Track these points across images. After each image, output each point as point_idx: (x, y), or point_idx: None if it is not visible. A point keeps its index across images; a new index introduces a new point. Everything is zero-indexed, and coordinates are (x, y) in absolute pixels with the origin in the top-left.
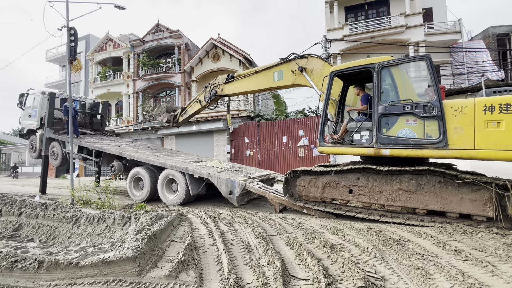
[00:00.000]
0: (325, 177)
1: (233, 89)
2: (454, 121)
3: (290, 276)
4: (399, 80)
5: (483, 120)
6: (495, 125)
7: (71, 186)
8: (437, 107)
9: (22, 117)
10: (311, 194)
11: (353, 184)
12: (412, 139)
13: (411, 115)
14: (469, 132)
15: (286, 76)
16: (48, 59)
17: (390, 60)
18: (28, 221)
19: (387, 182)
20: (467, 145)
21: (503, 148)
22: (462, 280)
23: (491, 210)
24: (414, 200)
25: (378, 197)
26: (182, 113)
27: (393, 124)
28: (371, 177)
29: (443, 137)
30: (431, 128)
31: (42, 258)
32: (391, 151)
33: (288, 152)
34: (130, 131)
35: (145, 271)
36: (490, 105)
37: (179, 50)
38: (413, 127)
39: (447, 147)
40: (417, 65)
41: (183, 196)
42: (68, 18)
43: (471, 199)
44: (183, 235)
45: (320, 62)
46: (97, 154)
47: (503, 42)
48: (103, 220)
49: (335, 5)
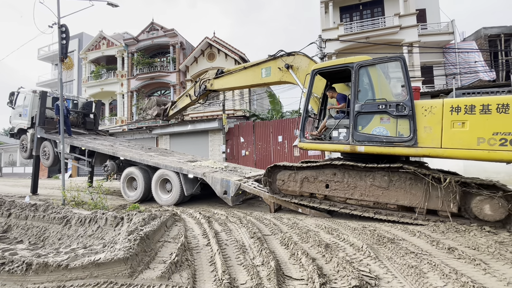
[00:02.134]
0: (304, 172)
1: (222, 84)
2: (424, 120)
3: (285, 276)
4: (375, 79)
5: (449, 120)
6: (460, 125)
7: (63, 186)
8: (409, 107)
9: (13, 116)
10: (290, 188)
11: (329, 179)
12: (385, 137)
13: (385, 114)
14: (437, 131)
15: (273, 72)
16: (40, 58)
17: (368, 60)
18: (17, 223)
19: (362, 178)
20: (435, 144)
21: (466, 147)
22: (456, 279)
23: (455, 206)
24: (386, 196)
25: (352, 192)
26: (172, 107)
27: (368, 122)
28: (346, 172)
29: (413, 135)
30: (403, 126)
31: (31, 260)
32: (366, 148)
33: (284, 152)
34: (124, 131)
35: (137, 273)
36: (457, 106)
37: (174, 49)
38: (386, 125)
39: (417, 145)
40: (392, 66)
41: (177, 196)
42: (59, 15)
43: (437, 195)
44: (177, 236)
45: (306, 60)
46: (90, 154)
47: (495, 43)
48: (95, 221)
49: (330, 5)
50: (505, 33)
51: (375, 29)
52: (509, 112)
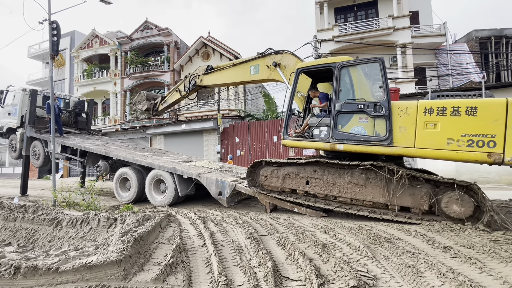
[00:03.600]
0: (286, 169)
1: (212, 80)
2: (400, 120)
3: (282, 277)
4: (355, 79)
5: (423, 121)
6: (432, 126)
7: (53, 187)
8: (386, 107)
9: (1, 115)
10: (272, 184)
11: (310, 176)
12: (363, 136)
13: (363, 113)
14: (411, 132)
15: (262, 70)
16: (31, 56)
17: (349, 60)
18: (5, 224)
19: (340, 175)
20: (409, 144)
21: (437, 148)
22: (453, 278)
23: (427, 204)
24: (362, 193)
25: (331, 188)
26: (162, 102)
27: (347, 121)
28: (326, 170)
29: (389, 135)
30: (380, 126)
31: (19, 263)
32: (345, 147)
33: (279, 152)
34: (118, 131)
35: (130, 275)
36: (430, 108)
37: (168, 48)
38: (364, 124)
39: (392, 144)
40: (371, 67)
41: (171, 197)
42: (50, 11)
43: (410, 193)
44: (172, 237)
45: (294, 58)
46: (82, 153)
47: (485, 45)
48: (87, 222)
49: (325, 6)
50: (495, 36)
51: (369, 30)
52: (477, 114)
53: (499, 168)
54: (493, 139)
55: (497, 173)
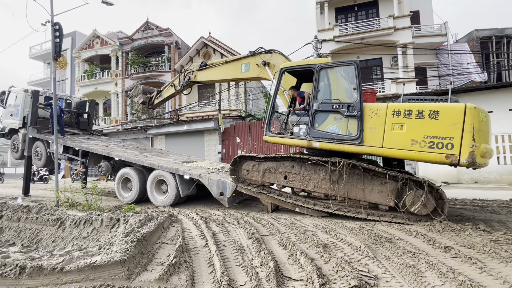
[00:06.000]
0: (266, 164)
1: (205, 76)
2: (370, 121)
3: (284, 277)
4: (333, 81)
5: (391, 123)
6: (399, 128)
7: (56, 187)
8: (358, 108)
9: (3, 115)
10: (253, 178)
11: (288, 171)
12: (337, 135)
13: (338, 113)
14: (380, 132)
15: (252, 68)
16: (32, 56)
17: (328, 62)
18: (9, 225)
19: (316, 171)
20: (377, 143)
21: (402, 148)
22: (453, 278)
23: (393, 200)
24: (335, 189)
25: (307, 183)
26: (158, 96)
27: (323, 120)
28: (303, 166)
29: (359, 134)
30: (352, 126)
31: (24, 263)
32: (320, 144)
33: (280, 152)
34: (119, 131)
35: (134, 275)
36: (398, 110)
37: (169, 49)
38: (339, 124)
39: (363, 143)
40: (347, 69)
41: (173, 197)
42: (52, 13)
43: (379, 190)
44: (174, 237)
45: (282, 58)
46: (84, 154)
47: (486, 45)
48: (90, 223)
49: (326, 6)
50: (496, 35)
51: (370, 30)
52: (438, 118)
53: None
54: (451, 141)
55: (498, 173)
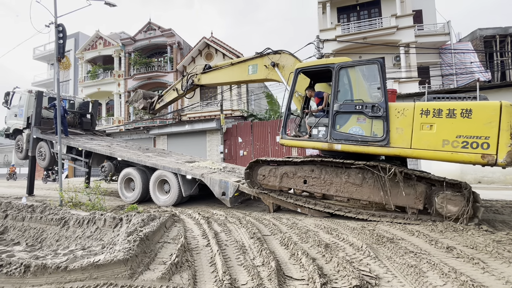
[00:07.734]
0: (284, 168)
1: (210, 79)
2: (397, 122)
3: (285, 276)
4: (354, 80)
5: (419, 123)
6: (428, 128)
7: (60, 187)
8: (383, 108)
9: (8, 116)
10: (270, 183)
11: (307, 175)
12: (361, 136)
13: (361, 114)
14: (407, 133)
15: (260, 70)
16: (36, 57)
17: (348, 62)
18: (14, 224)
19: (337, 175)
20: (405, 144)
21: (432, 149)
22: (455, 278)
23: (421, 203)
24: (359, 192)
25: (328, 188)
26: (159, 101)
27: (345, 122)
28: (324, 169)
29: (386, 135)
30: (377, 127)
31: (29, 262)
32: (342, 147)
33: (282, 152)
34: (121, 131)
35: (137, 274)
36: (426, 109)
37: (172, 49)
38: (362, 125)
39: (389, 145)
40: (370, 68)
41: (175, 197)
42: (56, 14)
43: (406, 193)
44: (176, 236)
45: (292, 58)
46: (87, 154)
47: (490, 44)
48: (93, 222)
49: (328, 5)
50: (500, 34)
51: (372, 30)
52: (471, 117)
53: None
54: (486, 141)
55: (502, 173)
